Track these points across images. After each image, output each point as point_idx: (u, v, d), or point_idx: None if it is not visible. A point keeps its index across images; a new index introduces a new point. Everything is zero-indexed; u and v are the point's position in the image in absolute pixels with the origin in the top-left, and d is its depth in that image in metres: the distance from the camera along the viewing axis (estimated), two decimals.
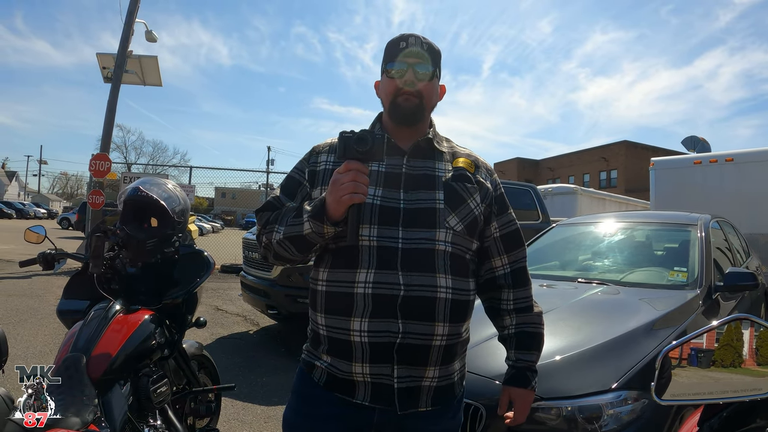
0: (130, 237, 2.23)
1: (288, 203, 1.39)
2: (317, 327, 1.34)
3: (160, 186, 2.42)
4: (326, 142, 1.45)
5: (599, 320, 2.53)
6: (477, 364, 2.14)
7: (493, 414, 1.92)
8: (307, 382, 1.37)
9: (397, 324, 1.24)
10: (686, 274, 3.19)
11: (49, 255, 2.39)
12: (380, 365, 1.25)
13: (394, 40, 1.39)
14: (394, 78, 1.36)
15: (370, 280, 1.25)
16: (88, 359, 1.81)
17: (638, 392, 1.98)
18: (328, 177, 1.32)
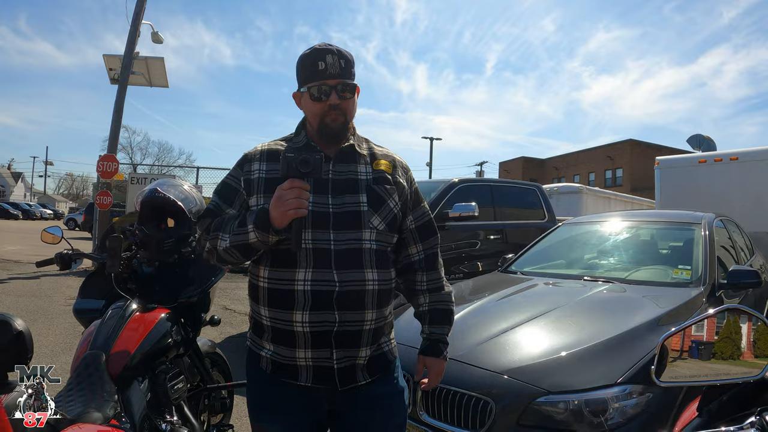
0: (148, 237, 2.28)
1: (228, 209, 1.48)
2: (260, 318, 1.48)
3: (177, 187, 2.47)
4: (256, 149, 1.54)
5: (605, 317, 2.59)
6: (484, 359, 2.22)
7: (501, 408, 1.99)
8: (256, 368, 1.52)
9: (334, 314, 1.39)
10: (690, 272, 3.24)
11: (66, 255, 2.43)
12: (320, 350, 1.41)
13: (309, 58, 1.45)
14: (319, 101, 1.45)
15: (309, 278, 1.39)
16: (107, 357, 1.86)
17: (643, 386, 2.04)
18: (262, 185, 1.45)
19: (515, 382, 2.07)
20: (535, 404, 1.99)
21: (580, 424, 1.95)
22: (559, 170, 43.44)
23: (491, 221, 6.07)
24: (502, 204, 6.33)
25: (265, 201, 1.40)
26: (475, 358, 2.24)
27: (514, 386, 2.06)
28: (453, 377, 2.15)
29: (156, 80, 14.16)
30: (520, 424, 1.99)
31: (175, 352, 2.22)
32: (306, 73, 1.46)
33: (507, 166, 47.03)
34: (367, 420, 1.49)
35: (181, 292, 2.35)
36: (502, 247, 6.02)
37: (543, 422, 1.99)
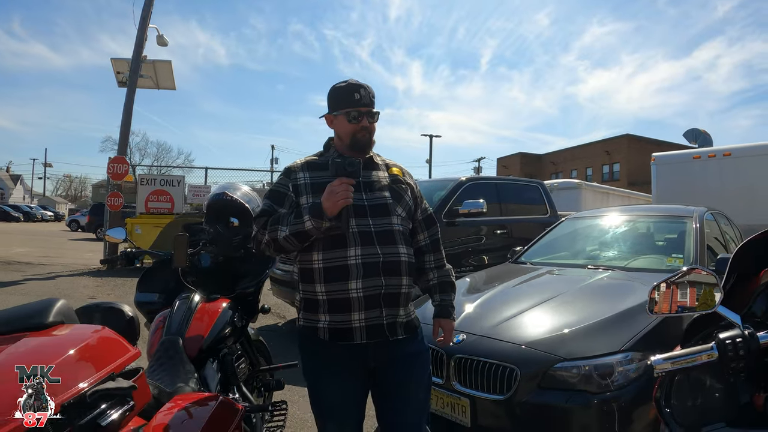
0: (220, 235, 2.58)
1: (280, 209, 1.84)
2: (315, 295, 1.81)
3: (241, 190, 2.79)
4: (297, 163, 1.94)
5: (608, 298, 2.99)
6: (508, 334, 2.62)
7: (525, 374, 2.38)
8: (312, 341, 1.85)
9: (381, 279, 1.77)
10: (682, 260, 3.62)
11: (130, 253, 2.71)
12: (372, 311, 1.77)
13: (346, 89, 1.88)
14: (354, 123, 1.87)
15: (359, 254, 1.77)
16: (183, 341, 2.09)
17: (642, 353, 2.43)
18: (309, 188, 1.85)
19: (536, 351, 2.46)
20: (553, 370, 2.38)
21: (590, 386, 2.34)
22: (556, 165, 43.73)
23: (497, 217, 6.43)
24: (506, 200, 6.69)
25: (313, 200, 1.78)
26: (499, 334, 2.63)
27: (535, 355, 2.45)
28: (482, 350, 2.56)
29: (163, 83, 14.42)
30: (540, 387, 2.38)
31: (236, 337, 2.48)
32: (343, 101, 1.88)
33: (504, 162, 47.26)
34: (406, 372, 1.85)
35: (238, 283, 2.64)
36: (508, 241, 6.36)
37: (559, 385, 2.38)
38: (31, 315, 1.42)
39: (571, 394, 2.34)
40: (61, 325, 1.42)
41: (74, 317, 1.52)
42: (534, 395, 2.37)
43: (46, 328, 1.38)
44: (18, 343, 1.28)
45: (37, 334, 1.35)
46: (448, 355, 2.61)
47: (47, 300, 1.49)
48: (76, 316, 1.53)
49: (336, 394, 1.83)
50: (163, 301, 2.54)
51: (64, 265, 11.78)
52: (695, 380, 1.55)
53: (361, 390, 1.86)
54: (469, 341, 2.61)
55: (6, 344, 1.27)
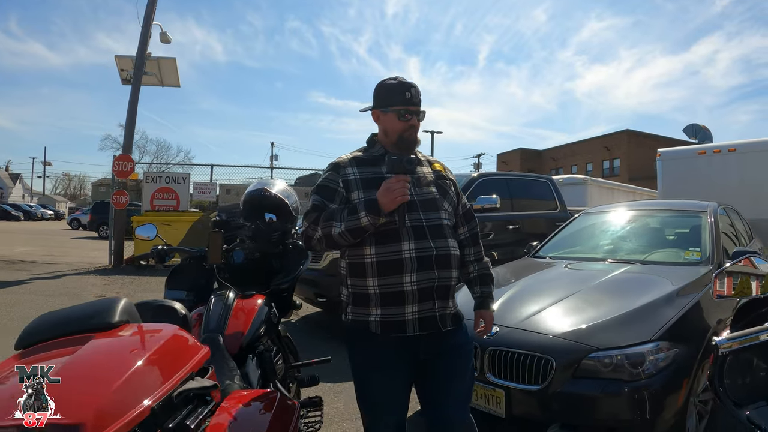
0: (261, 230, 2.58)
1: (331, 205, 1.86)
2: (366, 289, 1.84)
3: (279, 186, 2.79)
4: (344, 159, 1.95)
5: (634, 291, 3.07)
6: (541, 326, 2.70)
7: (560, 364, 2.46)
8: (363, 336, 1.86)
9: (434, 273, 1.82)
10: (699, 253, 3.72)
11: (162, 250, 2.66)
12: (425, 303, 1.82)
13: (398, 87, 1.91)
14: (403, 121, 1.90)
15: (413, 248, 1.81)
16: (223, 338, 2.08)
17: (670, 343, 2.53)
18: (360, 184, 1.87)
19: (570, 342, 2.55)
20: (587, 359, 2.47)
21: (622, 374, 2.42)
22: (556, 161, 43.81)
23: (509, 212, 6.51)
24: (517, 196, 6.78)
25: (364, 195, 1.82)
26: (532, 326, 2.72)
27: (570, 345, 2.53)
28: (516, 341, 2.64)
29: (167, 80, 14.36)
30: (574, 377, 2.46)
31: (272, 333, 2.50)
32: (395, 98, 1.91)
33: (505, 158, 47.32)
34: (454, 362, 1.91)
35: (272, 279, 2.63)
36: (519, 236, 6.45)
37: (592, 374, 2.46)
38: (97, 315, 1.40)
39: (605, 383, 2.42)
40: (127, 325, 1.41)
41: (137, 316, 1.52)
42: (569, 385, 2.45)
43: (113, 328, 1.37)
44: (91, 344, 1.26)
45: (104, 334, 1.33)
46: (482, 347, 2.68)
47: (111, 299, 1.48)
48: (138, 315, 1.52)
49: (387, 387, 1.86)
50: (192, 298, 2.52)
51: (69, 264, 11.78)
52: (744, 361, 1.64)
53: (408, 382, 1.91)
54: (502, 333, 2.68)
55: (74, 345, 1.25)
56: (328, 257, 5.33)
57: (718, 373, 1.60)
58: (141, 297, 8.29)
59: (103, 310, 1.41)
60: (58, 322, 1.42)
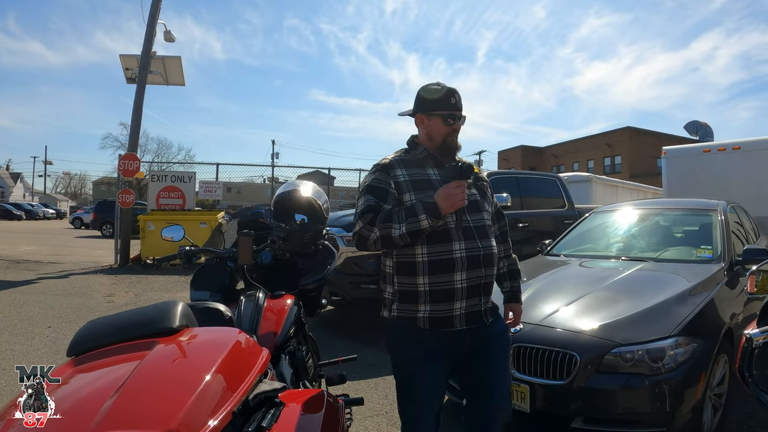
0: (294, 231, 2.58)
1: (384, 205, 1.92)
2: (415, 287, 1.91)
3: (310, 187, 2.82)
4: (391, 160, 2.01)
5: (650, 288, 3.16)
6: (564, 323, 2.79)
7: (585, 359, 2.53)
8: (410, 331, 1.94)
9: (482, 271, 1.93)
10: (711, 251, 3.80)
11: (189, 251, 2.63)
12: (473, 299, 1.93)
13: (444, 93, 1.98)
14: (448, 125, 1.98)
15: (463, 247, 1.90)
16: (257, 338, 2.07)
17: (689, 338, 2.61)
18: (410, 185, 1.94)
19: (594, 338, 2.63)
20: (610, 355, 2.55)
21: (643, 369, 2.51)
22: (557, 158, 43.82)
23: (519, 210, 6.59)
24: (527, 194, 6.86)
25: (416, 196, 1.90)
26: (555, 323, 2.80)
27: (594, 341, 2.62)
28: (540, 338, 2.73)
29: (173, 79, 14.36)
30: (598, 372, 2.55)
31: (302, 332, 2.53)
32: (441, 103, 1.99)
33: (506, 155, 47.30)
34: (495, 350, 2.02)
35: (300, 279, 2.67)
36: (528, 234, 6.52)
37: (614, 369, 2.55)
38: (158, 319, 1.38)
39: (627, 378, 2.51)
40: (187, 329, 1.39)
41: (195, 320, 1.51)
42: (592, 380, 2.54)
43: (174, 333, 1.35)
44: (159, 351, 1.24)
45: (167, 340, 1.31)
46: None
47: (168, 303, 1.46)
48: (195, 319, 1.52)
49: (432, 380, 1.95)
50: (218, 299, 2.48)
51: (74, 263, 11.84)
52: None
53: (449, 375, 2.02)
54: (526, 330, 2.76)
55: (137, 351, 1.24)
56: (342, 256, 5.39)
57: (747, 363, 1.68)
58: (149, 296, 8.39)
59: (163, 314, 1.40)
60: (115, 327, 1.41)
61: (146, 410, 1.01)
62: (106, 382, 1.10)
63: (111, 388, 1.06)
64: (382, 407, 3.65)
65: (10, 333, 5.48)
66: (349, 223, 5.53)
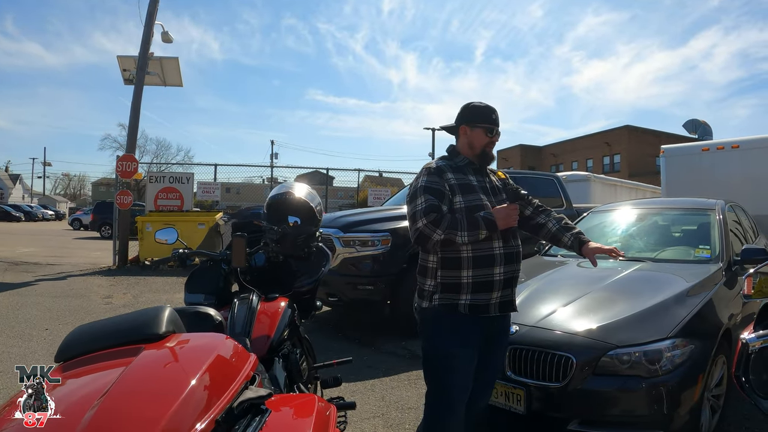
0: (287, 234, 2.56)
1: (443, 206, 2.17)
2: (459, 279, 2.17)
3: (303, 189, 2.76)
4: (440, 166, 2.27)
5: (648, 288, 3.14)
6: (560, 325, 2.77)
7: (581, 361, 2.52)
8: (450, 315, 2.18)
9: (515, 266, 2.26)
10: (709, 251, 3.78)
11: (183, 254, 2.63)
12: (506, 290, 2.23)
13: (487, 109, 2.32)
14: (488, 136, 2.30)
15: (501, 245, 2.21)
16: (250, 341, 2.06)
17: (687, 340, 2.59)
18: (458, 189, 2.22)
19: (590, 340, 2.61)
20: (606, 357, 2.53)
21: (640, 371, 2.49)
22: (556, 157, 43.83)
23: None
24: None
25: (463, 199, 2.19)
26: (551, 324, 2.78)
27: (590, 343, 2.59)
28: (536, 340, 2.71)
29: (170, 80, 14.33)
30: (594, 374, 2.53)
31: (295, 335, 2.51)
32: (484, 117, 2.31)
33: (505, 154, 47.28)
34: (503, 341, 2.38)
35: (294, 281, 2.66)
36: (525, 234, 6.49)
37: (611, 371, 2.53)
38: (144, 325, 1.36)
39: (624, 380, 2.49)
40: (174, 335, 1.38)
41: (182, 325, 1.49)
42: (589, 382, 2.52)
43: (160, 339, 1.34)
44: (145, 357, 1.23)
45: (153, 346, 1.30)
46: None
47: (155, 309, 1.45)
48: (182, 324, 1.50)
49: (468, 357, 2.19)
50: (212, 302, 2.51)
51: (73, 265, 11.79)
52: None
53: (479, 355, 2.24)
54: (522, 332, 2.74)
55: (123, 357, 1.22)
56: (339, 257, 5.36)
57: (743, 368, 1.67)
58: (147, 297, 8.38)
59: (149, 320, 1.38)
60: (102, 333, 1.40)
61: (130, 417, 1.01)
62: (92, 389, 1.09)
63: (96, 394, 1.05)
64: (379, 409, 3.63)
65: (7, 335, 5.47)
66: (346, 224, 5.53)
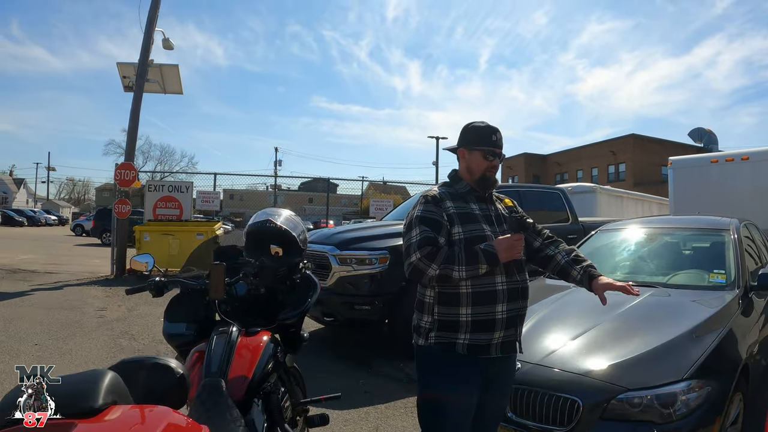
0: (265, 267, 2.40)
1: (440, 238, 1.99)
2: (457, 317, 1.97)
3: (284, 215, 2.61)
4: (439, 193, 2.09)
5: (661, 321, 2.92)
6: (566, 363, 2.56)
7: (588, 405, 2.30)
8: (448, 355, 1.99)
9: (520, 303, 2.05)
10: (725, 276, 3.56)
11: (160, 282, 2.42)
12: (510, 329, 2.02)
13: (486, 130, 2.11)
14: (487, 160, 2.10)
15: (504, 280, 2.00)
16: (226, 382, 1.92)
17: (703, 381, 2.38)
18: (457, 218, 2.03)
19: (598, 382, 2.39)
20: (616, 400, 2.32)
21: (652, 416, 2.28)
22: (561, 166, 43.60)
23: None
24: (529, 208, 6.57)
25: (463, 229, 2.00)
26: (556, 362, 2.56)
27: (599, 386, 2.38)
28: (539, 380, 2.50)
29: (170, 87, 14.24)
30: (602, 419, 2.32)
31: (279, 371, 2.34)
32: (482, 139, 2.10)
33: (509, 163, 47.05)
34: (507, 382, 2.18)
35: (278, 313, 2.46)
36: None
37: (621, 416, 2.32)
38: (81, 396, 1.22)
39: (635, 425, 2.29)
40: (113, 408, 1.25)
41: (126, 392, 1.35)
42: (597, 427, 2.31)
43: (98, 412, 1.21)
44: None
45: (88, 422, 1.17)
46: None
47: (96, 374, 1.30)
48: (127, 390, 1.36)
49: (465, 401, 2.01)
50: (193, 332, 2.35)
51: (70, 274, 11.65)
52: None
53: (478, 397, 2.06)
54: (524, 370, 2.53)
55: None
56: (335, 275, 5.16)
57: None
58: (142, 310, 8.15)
59: (85, 389, 1.23)
60: None
61: None
62: None
63: None
64: None
65: None
66: (342, 241, 5.32)
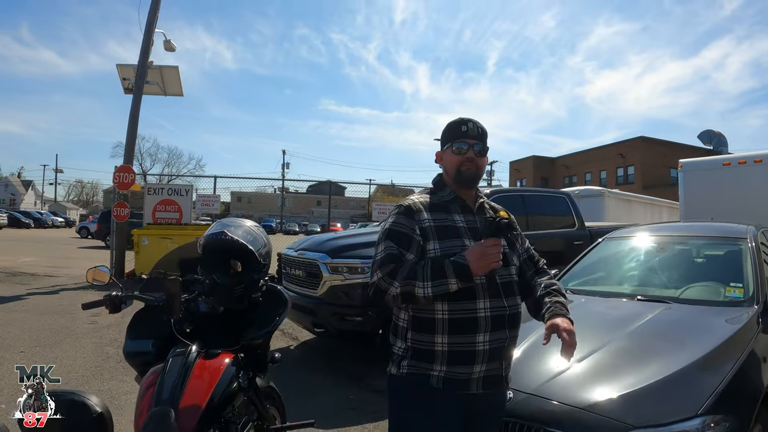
0: (217, 286, 2.17)
1: (408, 255, 1.72)
2: (432, 346, 1.72)
3: (243, 227, 2.36)
4: (415, 202, 1.83)
5: (672, 345, 2.62)
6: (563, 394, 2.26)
7: None
8: (420, 389, 1.74)
9: (506, 332, 1.76)
10: (742, 290, 3.24)
11: (116, 297, 2.21)
12: (493, 363, 1.75)
13: (455, 123, 1.87)
14: (460, 154, 1.83)
15: (488, 306, 1.72)
16: (176, 412, 1.76)
17: (719, 415, 2.07)
18: (434, 232, 1.77)
19: (601, 417, 2.09)
20: None
21: None
22: (569, 168, 43.23)
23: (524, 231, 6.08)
24: (533, 213, 6.39)
25: (440, 245, 1.74)
26: (553, 393, 2.26)
27: (602, 422, 2.07)
28: (534, 412, 2.20)
29: (170, 89, 14.13)
30: None
31: (242, 398, 2.15)
32: (452, 133, 1.86)
33: (517, 166, 46.84)
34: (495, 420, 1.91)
35: (243, 332, 2.26)
36: None
37: None
38: None
39: None
40: None
41: None
42: None
43: None
44: None
45: None
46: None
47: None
48: None
49: None
50: (157, 351, 2.16)
51: (70, 277, 11.49)
52: None
53: None
54: (517, 400, 2.23)
55: None
56: (325, 284, 4.91)
57: None
58: None
59: None
60: None
61: None
62: None
63: None
64: None
65: None
66: (334, 248, 5.07)
